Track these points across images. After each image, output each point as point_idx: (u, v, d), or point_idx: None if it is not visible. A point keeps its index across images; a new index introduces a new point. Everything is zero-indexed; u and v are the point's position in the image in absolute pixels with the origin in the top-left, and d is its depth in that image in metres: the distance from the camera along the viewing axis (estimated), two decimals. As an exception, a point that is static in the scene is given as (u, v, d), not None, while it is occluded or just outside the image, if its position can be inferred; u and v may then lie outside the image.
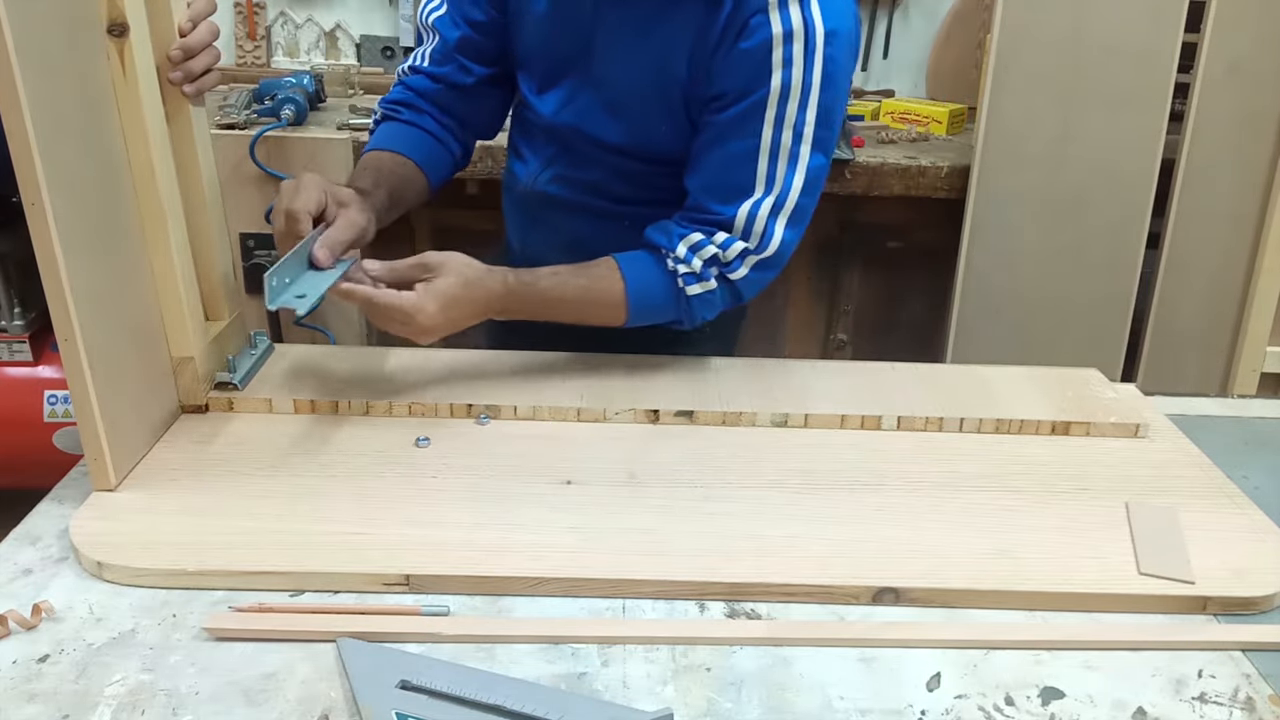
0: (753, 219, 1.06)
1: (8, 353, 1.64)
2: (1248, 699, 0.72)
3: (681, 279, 1.09)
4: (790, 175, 1.06)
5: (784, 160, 1.05)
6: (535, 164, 1.24)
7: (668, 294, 1.11)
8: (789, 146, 1.05)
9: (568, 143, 1.19)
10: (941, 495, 0.94)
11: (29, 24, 0.75)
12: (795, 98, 1.02)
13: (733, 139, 1.05)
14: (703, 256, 1.08)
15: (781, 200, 1.07)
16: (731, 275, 1.10)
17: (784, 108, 1.03)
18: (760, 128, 1.04)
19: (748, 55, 1.01)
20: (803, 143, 1.05)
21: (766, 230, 1.07)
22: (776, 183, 1.06)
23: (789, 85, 1.02)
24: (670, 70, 1.07)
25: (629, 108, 1.11)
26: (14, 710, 0.67)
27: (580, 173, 1.19)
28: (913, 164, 2.04)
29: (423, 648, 0.74)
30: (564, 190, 1.21)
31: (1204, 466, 1.01)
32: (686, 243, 1.08)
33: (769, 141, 1.04)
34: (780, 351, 2.30)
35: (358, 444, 0.98)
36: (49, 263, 0.79)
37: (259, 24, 2.47)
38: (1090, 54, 1.94)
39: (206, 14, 0.97)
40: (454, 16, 1.22)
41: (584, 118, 1.15)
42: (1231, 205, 2.03)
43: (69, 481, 0.93)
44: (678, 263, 1.09)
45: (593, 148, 1.16)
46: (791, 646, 0.76)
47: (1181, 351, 2.13)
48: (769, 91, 1.02)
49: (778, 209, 1.07)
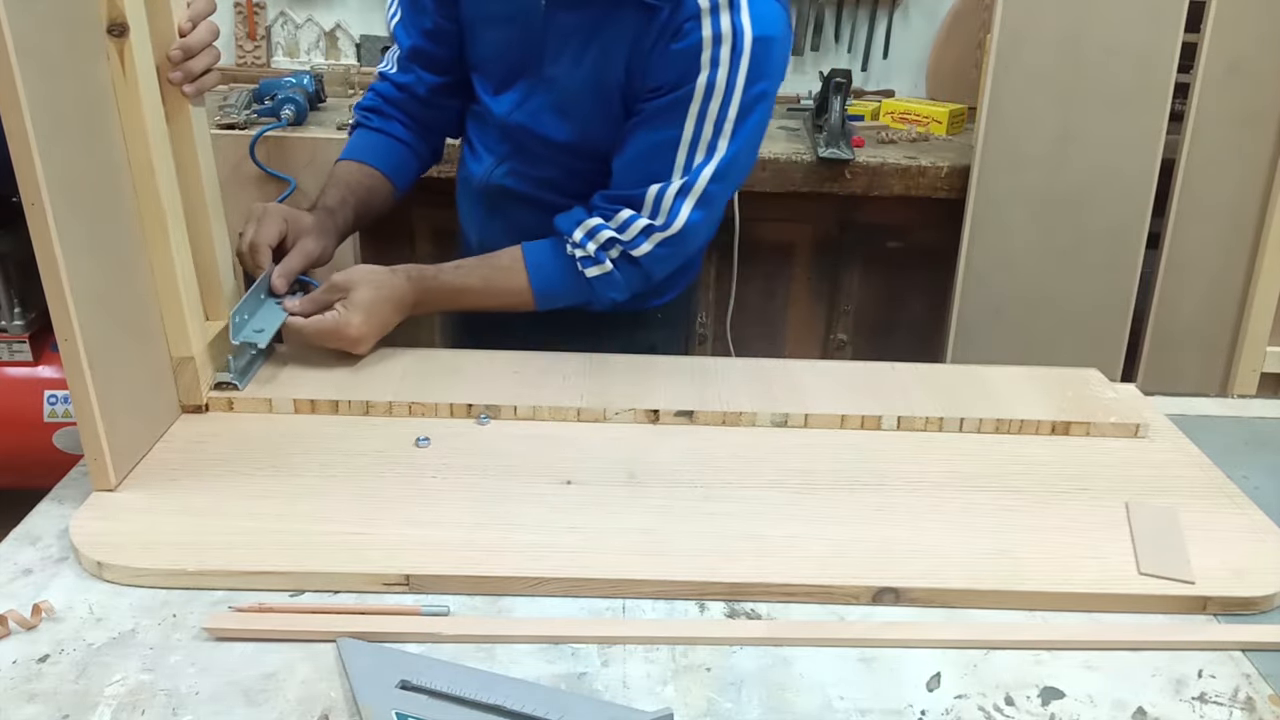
0: (660, 199, 1.13)
1: (8, 353, 1.64)
2: (1248, 699, 0.72)
3: (579, 263, 1.17)
4: (704, 164, 1.12)
5: (701, 152, 1.12)
6: (489, 160, 1.29)
7: (570, 281, 1.18)
8: (707, 140, 1.11)
9: (519, 141, 1.24)
10: (941, 495, 0.94)
11: (29, 24, 0.75)
12: (719, 96, 1.09)
13: (656, 128, 1.12)
14: (597, 241, 1.15)
15: (690, 183, 1.13)
16: (634, 253, 1.16)
17: (707, 104, 1.09)
18: (683, 120, 1.10)
19: (679, 55, 1.08)
20: (720, 137, 1.11)
21: (672, 209, 1.14)
22: (690, 170, 1.13)
23: (714, 85, 1.08)
24: (610, 73, 1.13)
25: (574, 109, 1.18)
26: (14, 710, 0.67)
27: (533, 169, 1.25)
28: (913, 164, 2.04)
29: (423, 648, 0.74)
30: (519, 184, 1.26)
31: (1204, 466, 1.01)
32: (583, 228, 1.16)
33: (690, 134, 1.11)
34: (780, 351, 2.30)
35: (358, 444, 0.98)
36: (49, 263, 0.79)
37: (259, 24, 2.47)
38: (1090, 54, 1.94)
39: (206, 14, 0.97)
40: (407, 26, 1.28)
41: (534, 118, 1.20)
42: (1232, 205, 2.03)
43: (69, 481, 0.93)
44: (574, 247, 1.16)
45: (542, 146, 1.22)
46: (791, 646, 0.76)
47: (1181, 351, 2.12)
48: (695, 88, 1.09)
49: (685, 190, 1.13)
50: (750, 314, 2.24)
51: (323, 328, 1.09)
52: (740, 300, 2.19)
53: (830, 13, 2.56)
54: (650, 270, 1.18)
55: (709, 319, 2.22)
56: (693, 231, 1.15)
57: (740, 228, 2.06)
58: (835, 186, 2.04)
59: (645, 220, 1.14)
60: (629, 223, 1.14)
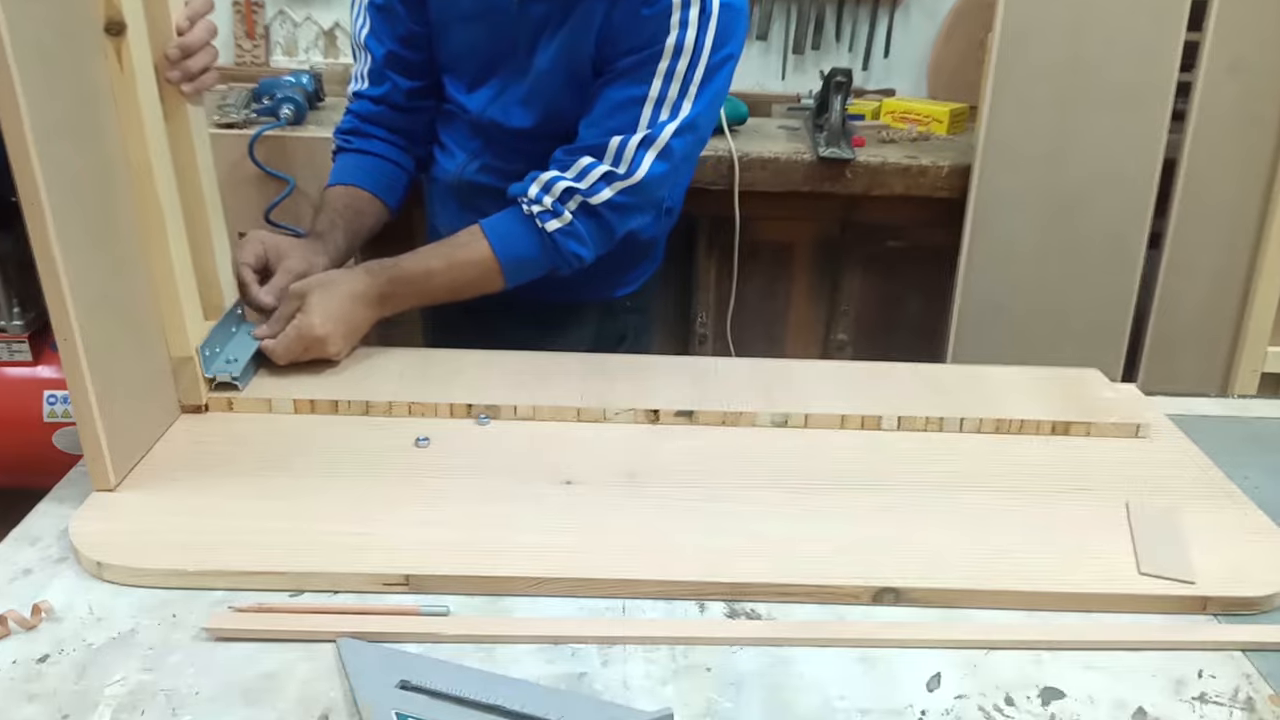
0: (623, 149, 1.15)
1: (7, 353, 1.64)
2: (1248, 699, 0.72)
3: (538, 218, 1.16)
4: (668, 120, 1.14)
5: (666, 109, 1.14)
6: (461, 156, 1.30)
7: (532, 240, 1.17)
8: (673, 98, 1.14)
9: (491, 135, 1.25)
10: (942, 495, 0.94)
11: (26, 22, 0.75)
12: (686, 56, 1.12)
13: (624, 85, 1.14)
14: (553, 193, 1.15)
15: (653, 135, 1.14)
16: (593, 200, 1.15)
17: (675, 64, 1.12)
18: (651, 78, 1.13)
19: (650, 19, 1.11)
20: (685, 97, 1.14)
21: (634, 158, 1.15)
22: (654, 125, 1.15)
23: (682, 45, 1.11)
24: (581, 50, 1.15)
25: (547, 94, 1.19)
26: (14, 710, 0.67)
27: (505, 162, 1.25)
28: (913, 163, 2.04)
29: (422, 648, 0.74)
30: (492, 179, 1.27)
31: (1204, 466, 1.01)
32: (538, 183, 1.16)
33: (656, 92, 1.13)
34: (780, 351, 2.30)
35: (358, 444, 0.98)
36: (47, 263, 0.79)
37: (257, 23, 2.47)
38: (1091, 53, 1.93)
39: (204, 13, 0.97)
40: (379, 35, 1.28)
41: (506, 111, 1.22)
42: (1233, 205, 2.03)
43: (68, 481, 0.93)
44: (531, 204, 1.16)
45: (513, 137, 1.22)
46: (791, 646, 0.76)
47: (1182, 351, 2.12)
48: (664, 48, 1.11)
49: (648, 141, 1.15)
50: (750, 314, 2.24)
51: (289, 341, 1.07)
52: (740, 300, 2.18)
53: (831, 12, 2.55)
54: (611, 221, 1.18)
55: (709, 319, 2.22)
56: (653, 182, 1.16)
57: (740, 228, 2.06)
58: (836, 186, 2.04)
59: (605, 167, 1.14)
60: (587, 170, 1.15)
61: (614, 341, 1.42)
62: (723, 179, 1.99)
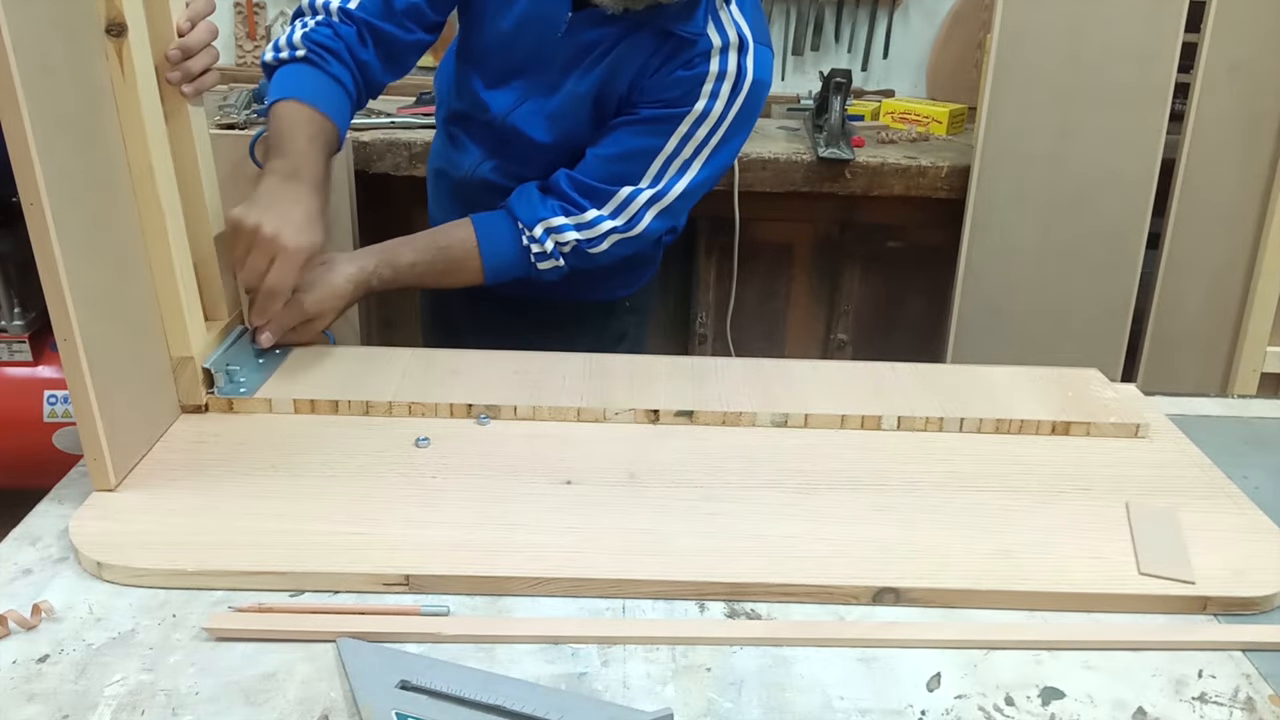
0: (629, 202, 1.18)
1: (7, 353, 1.64)
2: (1248, 699, 0.72)
3: (534, 256, 1.20)
4: (676, 180, 1.19)
5: (675, 167, 1.18)
6: (476, 154, 1.30)
7: (520, 264, 1.21)
8: (685, 158, 1.18)
9: (507, 139, 1.25)
10: (941, 495, 0.94)
11: (27, 24, 0.75)
12: (709, 124, 1.16)
13: (642, 134, 1.17)
14: (559, 240, 1.19)
15: (660, 196, 1.19)
16: (592, 250, 1.20)
17: (696, 128, 1.16)
18: (670, 134, 1.16)
19: (684, 80, 1.15)
20: (697, 159, 1.18)
21: (638, 216, 1.19)
22: (662, 182, 1.19)
23: (709, 113, 1.15)
24: (614, 86, 1.17)
25: (570, 115, 1.20)
26: (14, 710, 0.67)
27: (518, 167, 1.26)
28: (913, 164, 2.04)
29: (423, 648, 0.74)
30: (502, 179, 1.28)
31: (1204, 467, 1.01)
32: (545, 225, 1.18)
33: (671, 149, 1.17)
34: (780, 351, 2.30)
35: (358, 444, 0.98)
36: (48, 263, 0.79)
37: (259, 23, 2.47)
38: (1090, 54, 1.94)
39: (205, 14, 0.97)
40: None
41: (528, 122, 1.22)
42: (1232, 205, 2.03)
43: (69, 481, 0.93)
44: (532, 241, 1.19)
45: (529, 147, 1.24)
46: (791, 646, 0.76)
47: (1182, 351, 2.12)
48: (690, 111, 1.15)
49: (654, 200, 1.19)
50: (750, 314, 2.24)
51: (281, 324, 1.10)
52: (740, 300, 2.19)
53: (830, 13, 2.56)
54: (600, 260, 1.23)
55: (709, 319, 2.23)
56: (650, 234, 1.22)
57: (740, 228, 2.06)
58: (835, 186, 2.04)
59: (610, 223, 1.19)
60: (595, 223, 1.19)
61: (614, 341, 1.44)
62: (723, 179, 1.99)
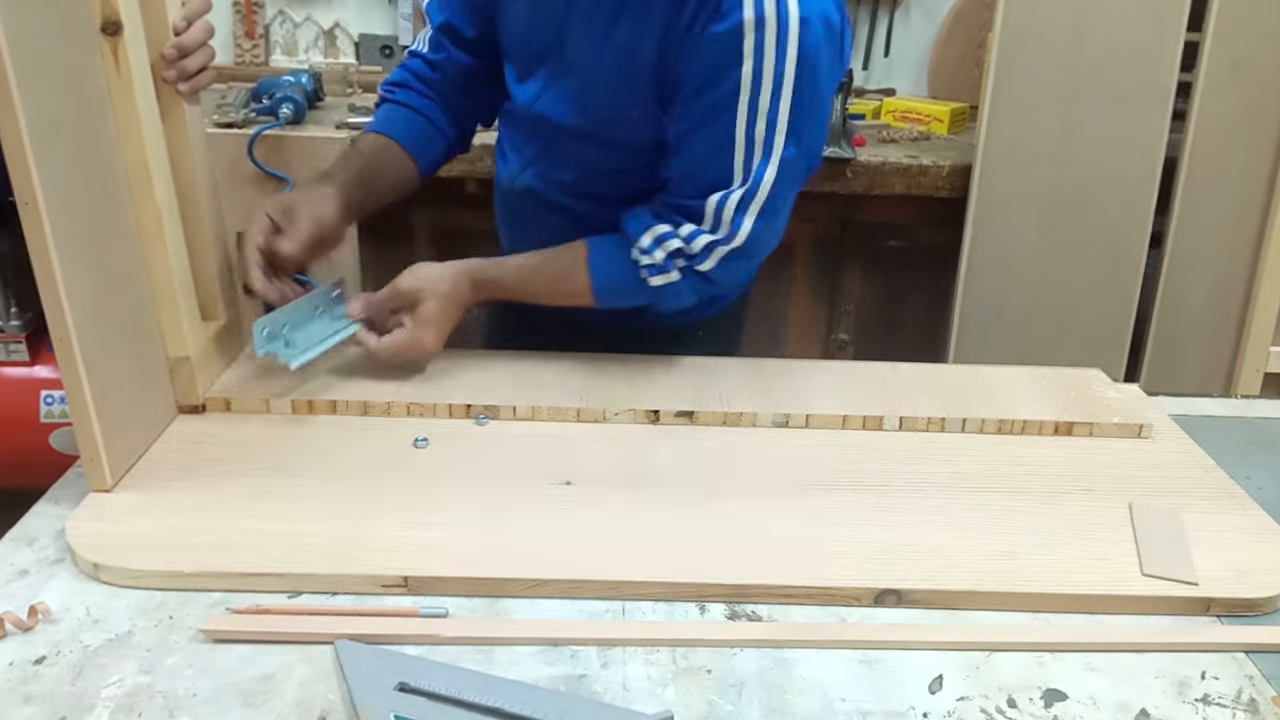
0: (721, 210, 1.06)
1: (4, 353, 1.64)
2: (1251, 700, 0.72)
3: (644, 270, 1.11)
4: (763, 168, 1.05)
5: (758, 152, 1.04)
6: (516, 162, 1.25)
7: (632, 283, 1.12)
8: (763, 137, 1.03)
9: (544, 138, 1.20)
10: (943, 496, 0.93)
11: (22, 22, 0.74)
12: (768, 87, 1.01)
13: (708, 128, 1.04)
14: (666, 249, 1.09)
15: (752, 192, 1.05)
16: (700, 267, 1.10)
17: (757, 98, 1.01)
18: (734, 118, 1.02)
19: (718, 39, 1.00)
20: (776, 133, 1.03)
21: (735, 222, 1.07)
22: (750, 175, 1.05)
23: (760, 74, 1.00)
24: (640, 53, 1.06)
25: (598, 93, 1.11)
26: (11, 712, 0.66)
27: (558, 173, 1.20)
28: (914, 163, 2.04)
29: (421, 649, 0.73)
30: (544, 189, 1.22)
31: (1208, 467, 1.01)
32: (652, 234, 1.10)
33: (743, 133, 1.03)
34: (780, 351, 2.29)
35: (357, 444, 0.98)
36: (43, 263, 0.79)
37: (257, 22, 2.47)
38: (1092, 53, 1.93)
39: (201, 12, 0.96)
40: (442, 2, 1.24)
41: (554, 107, 1.15)
42: (1234, 204, 2.02)
43: (65, 482, 0.93)
44: (641, 253, 1.10)
45: (562, 138, 1.17)
46: (792, 648, 0.75)
47: (1185, 351, 2.12)
48: (740, 79, 1.00)
49: (747, 200, 1.06)
50: (750, 314, 2.23)
51: (400, 348, 1.09)
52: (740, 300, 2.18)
53: (831, 11, 2.55)
54: (718, 281, 1.12)
55: (709, 319, 2.22)
56: (758, 241, 1.09)
57: (741, 227, 2.05)
58: (836, 185, 2.04)
59: (708, 236, 1.08)
60: (693, 237, 1.08)
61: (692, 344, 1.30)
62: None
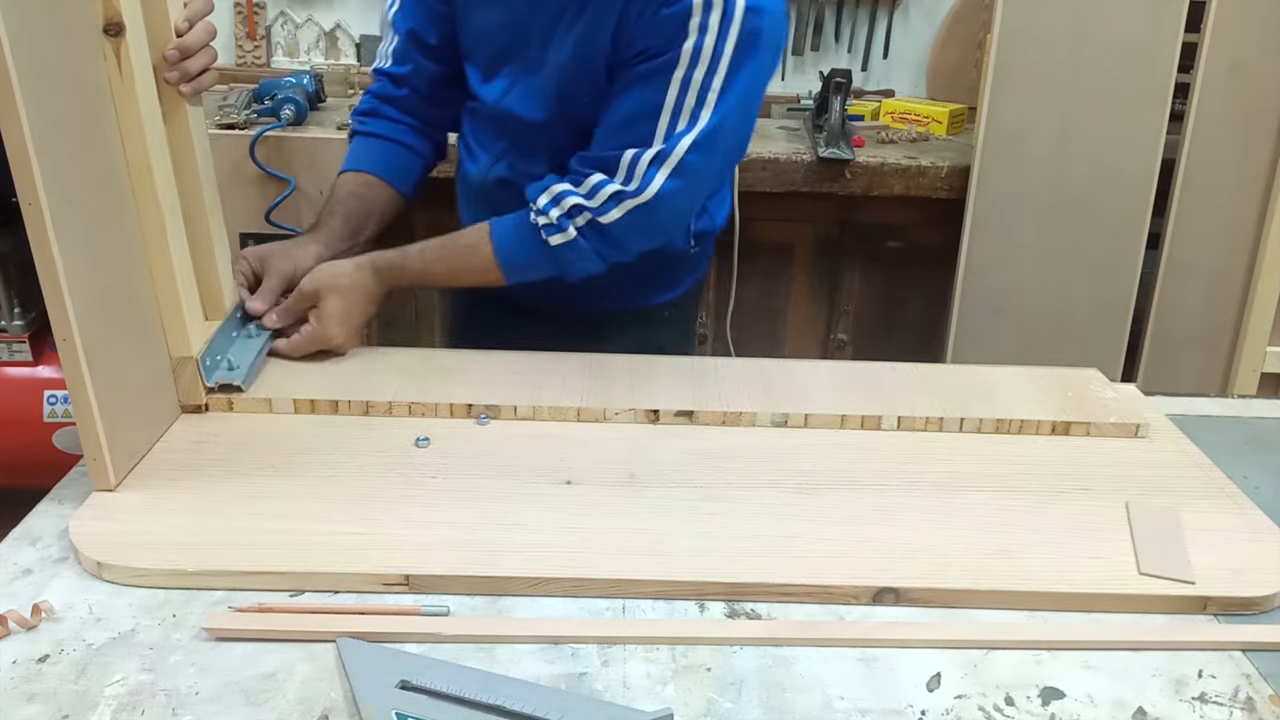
0: (635, 164, 1.09)
1: (7, 353, 1.64)
2: (1248, 699, 0.72)
3: (542, 231, 1.12)
4: (684, 133, 1.08)
5: (683, 119, 1.08)
6: (485, 159, 1.28)
7: (535, 250, 1.14)
8: (690, 107, 1.07)
9: (513, 134, 1.23)
10: (941, 495, 0.94)
11: (25, 23, 0.75)
12: (704, 63, 1.06)
13: (639, 93, 1.09)
14: (561, 207, 1.11)
15: (667, 151, 1.09)
16: (603, 219, 1.11)
17: (692, 71, 1.06)
18: (666, 85, 1.07)
19: (668, 19, 1.05)
20: (704, 107, 1.07)
21: (645, 175, 1.09)
22: (669, 138, 1.09)
23: (700, 51, 1.05)
24: (596, 45, 1.10)
25: (565, 86, 1.15)
26: (14, 710, 0.67)
27: (528, 164, 1.22)
28: (913, 164, 2.04)
29: (422, 648, 0.74)
30: (519, 179, 1.23)
31: (1204, 467, 1.01)
32: (549, 193, 1.12)
33: (672, 101, 1.07)
34: (780, 351, 2.30)
35: (358, 444, 0.98)
36: (46, 263, 0.79)
37: (259, 24, 2.47)
38: (1090, 54, 1.94)
39: (203, 14, 0.97)
40: (405, 12, 1.27)
41: (522, 103, 1.19)
42: (1232, 205, 2.03)
43: (69, 481, 0.93)
44: (538, 214, 1.12)
45: (529, 132, 1.20)
46: (791, 646, 0.76)
47: (1182, 351, 2.12)
48: (680, 53, 1.05)
49: (661, 157, 1.09)
50: (750, 314, 2.24)
51: (303, 344, 1.12)
52: (740, 300, 2.18)
53: (830, 13, 2.56)
54: (622, 239, 1.13)
55: (709, 319, 2.22)
56: (667, 200, 1.10)
57: (740, 228, 2.06)
58: (835, 186, 2.04)
59: (616, 186, 1.09)
60: (598, 188, 1.10)
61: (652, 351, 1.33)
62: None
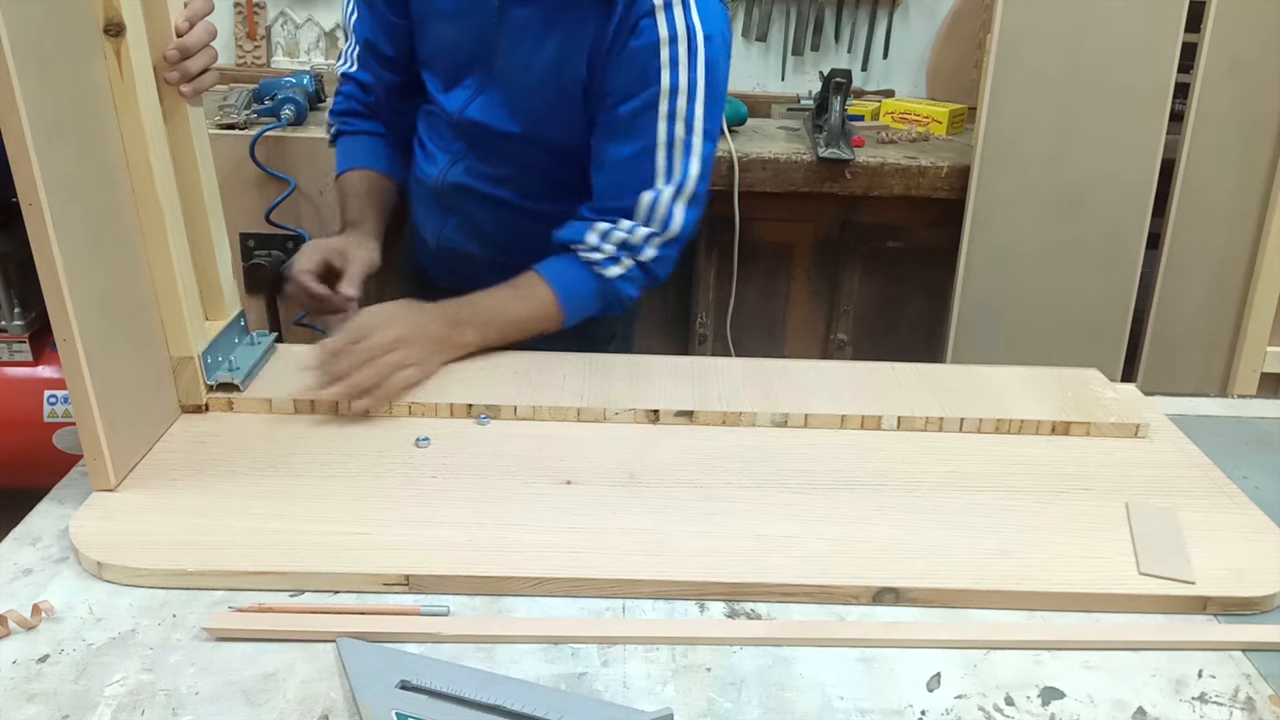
0: (655, 205, 1.17)
1: (8, 353, 1.64)
2: (1248, 699, 0.72)
3: (599, 266, 1.18)
4: (687, 164, 1.17)
5: (679, 152, 1.16)
6: (443, 160, 1.31)
7: (592, 286, 1.20)
8: (683, 139, 1.15)
9: (473, 137, 1.26)
10: (941, 495, 0.94)
11: (25, 23, 0.75)
12: (684, 95, 1.13)
13: (631, 138, 1.16)
14: (613, 241, 1.18)
15: (681, 186, 1.17)
16: (640, 258, 1.19)
17: (674, 104, 1.14)
18: (655, 125, 1.14)
19: (637, 55, 1.12)
20: (694, 135, 1.16)
21: (669, 215, 1.18)
22: (675, 172, 1.17)
23: (676, 84, 1.13)
24: (571, 68, 1.16)
25: (531, 103, 1.20)
26: (14, 710, 0.67)
27: (488, 166, 1.27)
28: (913, 164, 2.04)
29: (423, 648, 0.74)
30: (475, 182, 1.29)
31: (1204, 467, 1.01)
32: (596, 231, 1.18)
33: (664, 136, 1.15)
34: (780, 351, 2.30)
35: (358, 444, 0.98)
36: (47, 263, 0.79)
37: (259, 24, 2.47)
38: (1090, 54, 1.93)
39: (204, 14, 0.97)
40: (364, 19, 1.31)
41: (488, 113, 1.23)
42: (1232, 205, 2.03)
43: (69, 481, 0.93)
44: (592, 251, 1.18)
45: (498, 140, 1.24)
46: (791, 646, 0.76)
47: (1182, 351, 2.12)
48: (659, 90, 1.13)
49: (678, 194, 1.17)
50: (750, 314, 2.24)
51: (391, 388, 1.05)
52: (740, 300, 2.18)
53: (830, 13, 2.56)
54: (656, 271, 1.22)
55: (709, 319, 2.22)
56: (687, 230, 1.20)
57: (740, 228, 2.06)
58: (835, 186, 2.04)
59: (648, 229, 1.18)
60: (633, 230, 1.17)
61: (604, 340, 1.41)
62: (722, 179, 1.99)
